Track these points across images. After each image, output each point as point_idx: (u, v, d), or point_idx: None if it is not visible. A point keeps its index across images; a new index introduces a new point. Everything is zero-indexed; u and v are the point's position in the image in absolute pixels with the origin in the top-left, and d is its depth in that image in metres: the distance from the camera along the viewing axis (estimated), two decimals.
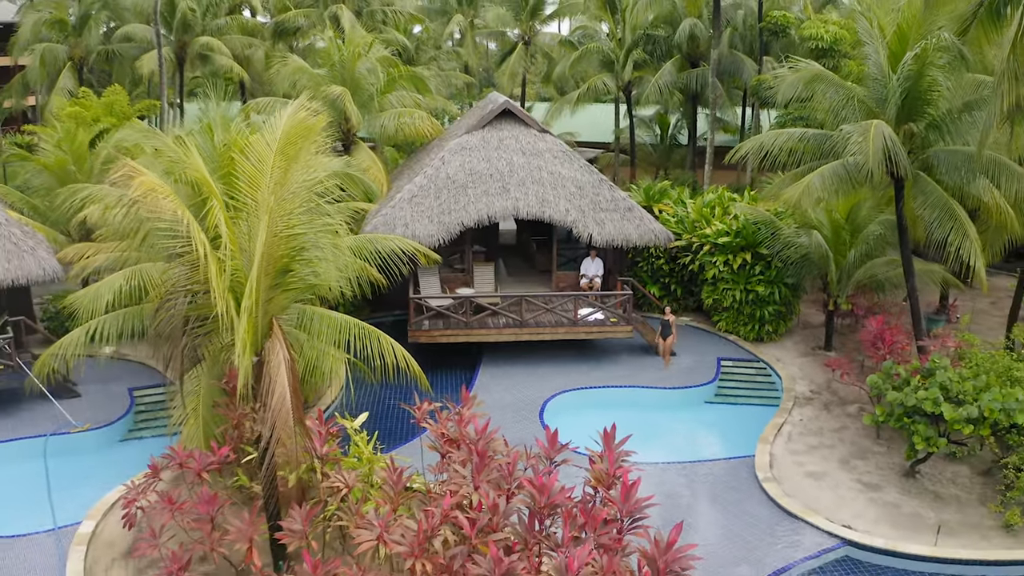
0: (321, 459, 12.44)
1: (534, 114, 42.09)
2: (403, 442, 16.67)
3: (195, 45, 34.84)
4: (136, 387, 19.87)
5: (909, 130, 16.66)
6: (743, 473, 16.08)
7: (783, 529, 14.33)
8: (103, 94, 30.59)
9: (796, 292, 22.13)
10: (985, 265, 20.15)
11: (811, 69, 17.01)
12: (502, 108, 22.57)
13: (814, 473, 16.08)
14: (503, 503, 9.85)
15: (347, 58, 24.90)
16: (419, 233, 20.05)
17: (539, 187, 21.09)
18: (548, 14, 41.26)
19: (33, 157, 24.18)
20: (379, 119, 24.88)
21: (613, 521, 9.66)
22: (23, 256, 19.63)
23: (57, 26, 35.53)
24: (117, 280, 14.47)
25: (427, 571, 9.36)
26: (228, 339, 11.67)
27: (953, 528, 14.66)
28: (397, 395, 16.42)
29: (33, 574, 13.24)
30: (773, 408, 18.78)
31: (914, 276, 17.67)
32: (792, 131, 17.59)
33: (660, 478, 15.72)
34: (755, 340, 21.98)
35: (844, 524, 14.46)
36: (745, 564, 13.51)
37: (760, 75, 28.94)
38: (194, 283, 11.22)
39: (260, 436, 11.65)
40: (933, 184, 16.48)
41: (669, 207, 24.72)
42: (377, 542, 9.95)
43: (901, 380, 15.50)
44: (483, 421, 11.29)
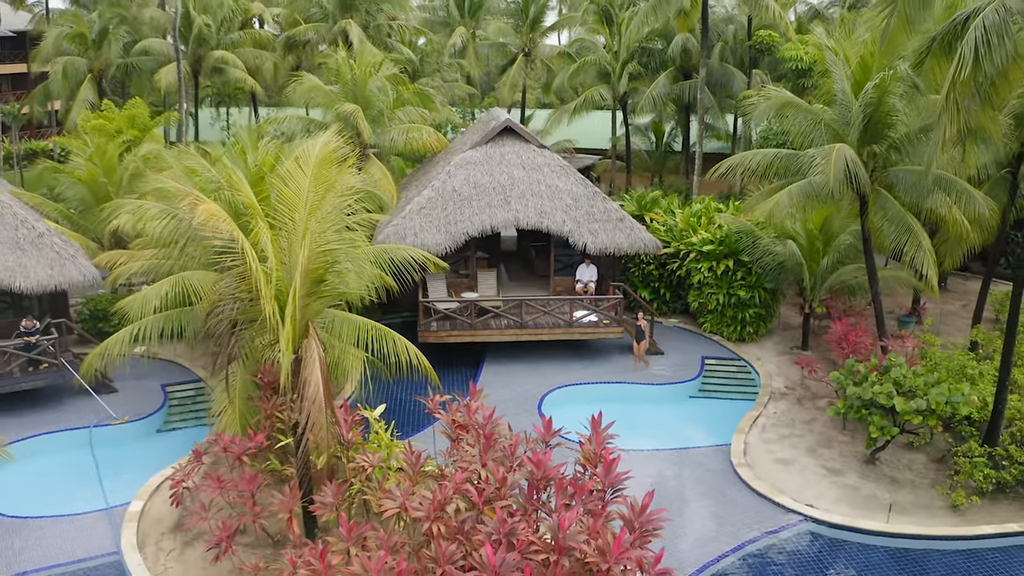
0: (347, 444, 14.47)
1: (534, 121, 44.21)
2: (415, 432, 18.65)
3: (210, 59, 36.86)
4: (168, 383, 21.90)
5: (871, 151, 18.64)
6: (720, 459, 18.08)
7: (753, 507, 16.33)
8: (125, 106, 32.59)
9: (775, 296, 24.12)
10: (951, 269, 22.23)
11: (781, 96, 19.02)
12: (504, 125, 24.57)
13: (783, 460, 18.08)
14: (508, 477, 11.84)
15: (359, 77, 26.86)
16: (427, 242, 22.04)
17: (538, 199, 23.09)
18: (548, 26, 43.20)
19: (67, 169, 26.16)
20: (389, 133, 26.85)
21: (598, 492, 11.67)
22: (64, 263, 21.63)
23: (77, 40, 37.52)
24: (164, 287, 16.43)
25: (442, 532, 11.34)
26: (268, 340, 13.69)
27: (905, 508, 16.64)
28: (408, 390, 18.45)
29: (93, 547, 15.22)
30: (751, 402, 20.80)
31: (877, 283, 19.66)
32: (767, 151, 19.57)
33: (647, 463, 17.69)
34: (737, 340, 23.98)
35: (807, 503, 16.45)
36: (719, 536, 15.52)
37: (747, 90, 30.85)
38: (242, 291, 13.22)
39: (296, 423, 13.64)
40: (892, 200, 18.47)
41: (659, 216, 26.69)
42: (400, 510, 11.95)
43: (861, 376, 17.49)
44: (489, 410, 13.29)
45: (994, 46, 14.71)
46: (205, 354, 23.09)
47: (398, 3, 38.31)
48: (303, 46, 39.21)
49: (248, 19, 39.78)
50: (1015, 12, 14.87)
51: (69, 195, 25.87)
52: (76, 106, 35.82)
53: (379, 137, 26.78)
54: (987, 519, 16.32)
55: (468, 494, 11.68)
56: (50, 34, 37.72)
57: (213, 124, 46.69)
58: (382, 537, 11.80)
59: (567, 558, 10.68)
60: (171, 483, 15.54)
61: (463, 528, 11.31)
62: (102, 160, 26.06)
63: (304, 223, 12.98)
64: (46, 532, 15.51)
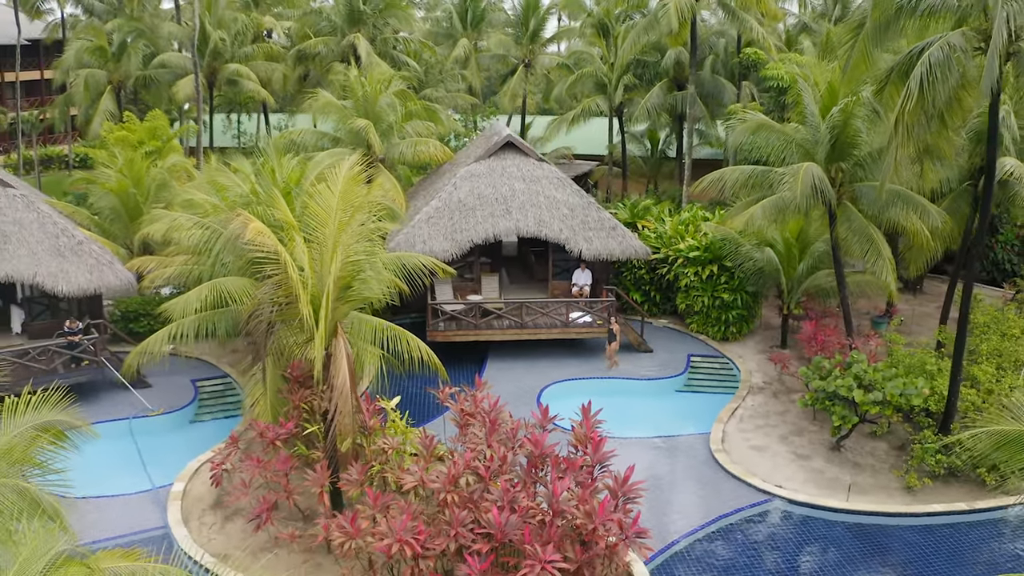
0: (368, 429, 16.65)
1: (534, 129, 46.34)
2: (425, 421, 20.78)
3: (225, 71, 39.01)
4: (198, 379, 24.08)
5: (838, 168, 20.82)
6: (700, 446, 20.27)
7: (728, 487, 18.51)
8: (145, 118, 34.78)
9: (757, 299, 26.29)
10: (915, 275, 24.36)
11: (756, 119, 21.19)
12: (505, 140, 26.75)
13: (757, 446, 20.26)
14: (510, 455, 14.02)
15: (370, 93, 29.01)
16: (435, 249, 24.21)
17: (537, 210, 25.26)
18: (548, 38, 45.34)
19: (98, 180, 28.31)
20: (398, 146, 28.99)
21: (587, 467, 13.85)
22: (103, 269, 23.76)
23: (98, 53, 39.66)
24: (203, 291, 18.59)
25: (455, 501, 13.50)
26: (303, 339, 15.85)
27: (865, 489, 18.82)
28: (419, 384, 20.57)
29: (144, 522, 17.39)
30: (731, 396, 22.97)
31: (845, 287, 21.84)
32: (744, 168, 21.73)
33: (635, 449, 19.78)
34: (721, 339, 26.15)
35: (777, 484, 18.62)
36: (697, 511, 17.73)
37: (736, 103, 33.04)
38: (279, 297, 15.40)
39: (326, 411, 15.81)
40: (857, 213, 20.64)
41: (651, 223, 28.87)
42: (418, 483, 14.13)
43: (826, 371, 19.65)
44: (493, 399, 15.46)
45: (939, 80, 16.89)
46: (231, 352, 25.32)
47: (403, 18, 40.44)
48: (313, 58, 41.34)
49: (260, 32, 41.91)
50: (958, 49, 17.08)
51: (101, 205, 28.02)
52: (97, 116, 37.94)
53: (389, 150, 28.93)
54: (938, 499, 18.48)
55: (476, 470, 13.84)
56: (71, 47, 39.88)
57: (225, 132, 48.91)
58: (403, 506, 13.98)
59: (560, 520, 12.87)
60: (211, 465, 17.74)
61: (472, 497, 13.47)
62: (131, 172, 28.20)
63: (334, 237, 15.14)
64: (104, 509, 17.67)
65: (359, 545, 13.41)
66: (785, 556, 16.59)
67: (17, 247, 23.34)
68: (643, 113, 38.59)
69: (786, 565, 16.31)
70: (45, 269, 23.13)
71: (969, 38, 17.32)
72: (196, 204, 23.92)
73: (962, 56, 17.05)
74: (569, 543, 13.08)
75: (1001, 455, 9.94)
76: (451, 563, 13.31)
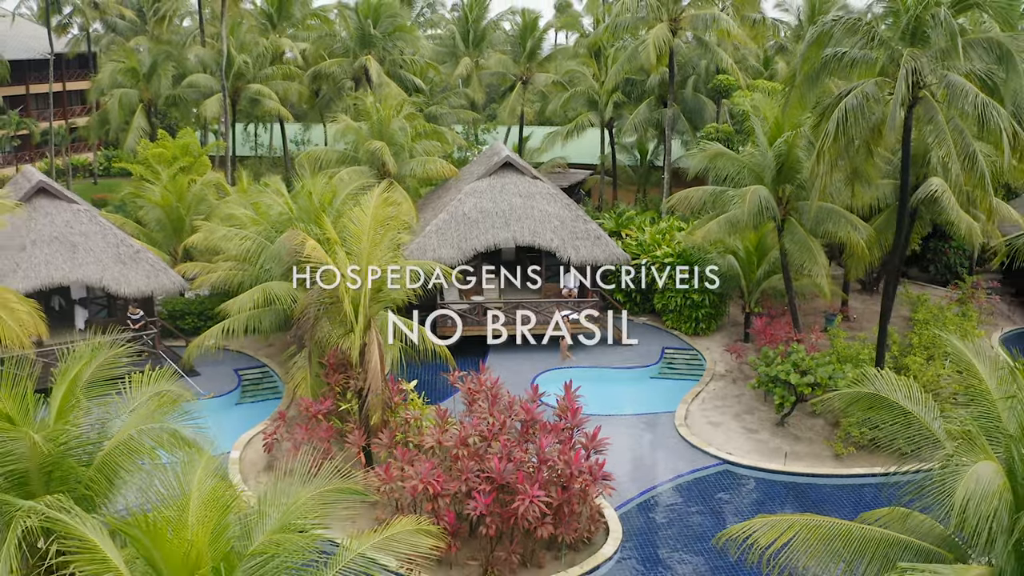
0: (394, 405, 21.10)
1: (532, 140, 50.73)
2: (436, 401, 25.17)
3: (248, 91, 43.45)
4: (240, 368, 28.52)
5: (784, 189, 25.26)
6: (667, 422, 24.70)
7: (687, 453, 22.97)
8: (177, 135, 39.25)
9: (723, 299, 30.71)
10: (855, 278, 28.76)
11: (714, 148, 25.63)
12: (504, 160, 31.21)
13: (714, 422, 24.70)
14: (507, 421, 18.46)
15: (383, 118, 33.44)
16: (444, 256, 28.62)
17: (532, 222, 29.71)
18: (544, 56, 49.72)
19: (147, 196, 32.73)
20: (409, 164, 33.42)
21: (567, 429, 18.31)
22: (158, 274, 28.18)
23: (129, 74, 44.08)
24: (255, 293, 23.03)
25: (465, 455, 17.91)
26: (343, 331, 20.26)
27: (801, 456, 23.24)
28: (431, 370, 24.97)
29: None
30: (697, 381, 27.39)
31: (792, 289, 26.28)
32: (705, 188, 26.14)
33: (614, 423, 24.04)
34: (692, 334, 30.58)
35: (727, 452, 23.06)
36: (660, 471, 22.22)
37: (710, 124, 37.51)
38: (325, 298, 19.84)
39: (361, 389, 20.24)
40: (798, 227, 25.05)
41: (633, 232, 33.31)
42: (436, 443, 18.57)
43: (770, 359, 24.08)
44: (494, 378, 19.90)
45: (854, 122, 21.31)
46: (268, 345, 29.77)
47: (411, 40, 44.86)
48: (327, 77, 45.77)
49: (278, 54, 46.33)
50: (871, 97, 21.49)
51: (149, 217, 32.46)
52: (131, 132, 42.39)
53: (401, 167, 33.35)
54: (861, 464, 22.90)
55: (481, 432, 18.28)
56: (105, 69, 44.30)
57: (244, 143, 53.40)
58: (424, 460, 18.43)
59: (545, 468, 17.33)
60: (264, 436, 22.22)
61: (478, 452, 17.91)
62: (174, 188, 32.67)
63: (368, 251, 19.58)
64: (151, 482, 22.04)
65: (392, 488, 17.87)
66: (729, 504, 21.04)
67: (85, 256, 27.78)
68: (631, 128, 43.03)
69: (728, 509, 20.78)
70: (109, 274, 27.56)
71: (882, 86, 21.73)
72: (236, 218, 28.47)
73: (874, 103, 21.48)
74: (552, 487, 17.53)
75: (850, 411, 14.31)
76: (462, 501, 17.73)
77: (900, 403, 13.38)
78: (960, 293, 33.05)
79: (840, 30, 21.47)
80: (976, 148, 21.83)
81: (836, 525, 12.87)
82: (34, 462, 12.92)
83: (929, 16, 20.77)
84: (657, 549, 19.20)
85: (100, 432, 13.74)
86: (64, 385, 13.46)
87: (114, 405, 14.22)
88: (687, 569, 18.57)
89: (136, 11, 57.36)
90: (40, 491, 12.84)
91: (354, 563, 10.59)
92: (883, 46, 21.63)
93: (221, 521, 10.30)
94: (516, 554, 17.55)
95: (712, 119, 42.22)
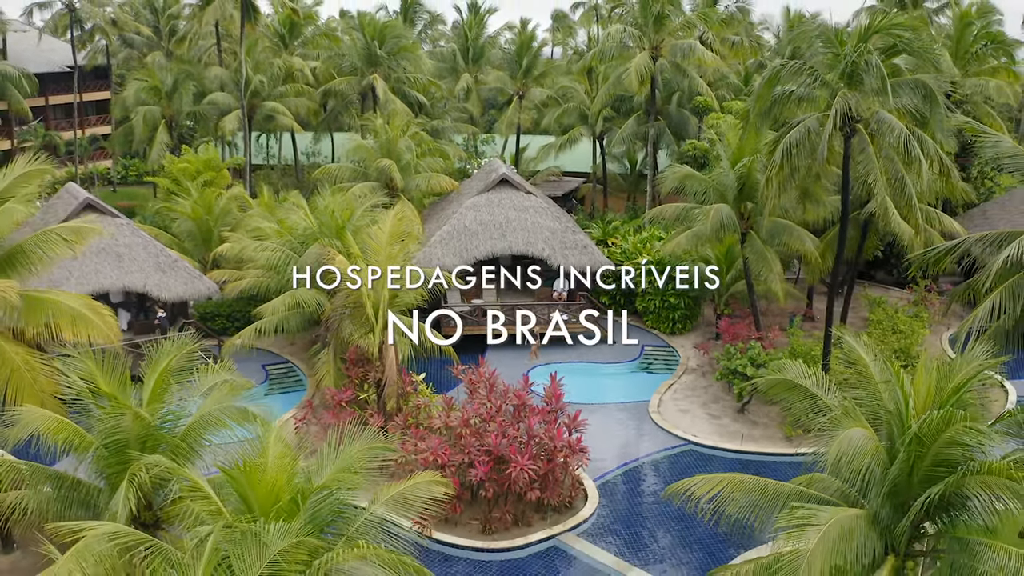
0: (406, 394, 25.27)
1: (529, 149, 54.89)
2: (441, 391, 29.33)
3: (264, 108, 47.62)
4: (266, 363, 32.68)
5: (746, 206, 29.41)
6: (641, 409, 28.87)
7: (657, 436, 27.13)
8: (198, 149, 43.41)
9: (697, 301, 34.86)
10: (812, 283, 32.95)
11: (683, 170, 29.80)
12: (501, 178, 35.37)
13: (683, 409, 28.87)
14: (502, 405, 22.63)
15: (392, 137, 37.59)
16: (447, 264, 32.75)
17: (526, 233, 33.86)
18: (538, 74, 53.90)
19: (178, 209, 36.87)
20: (415, 180, 37.58)
21: (552, 411, 22.49)
22: (194, 280, 32.36)
23: (152, 92, 48.24)
24: (286, 298, 27.17)
25: (467, 433, 22.05)
26: (363, 331, 24.40)
27: (756, 438, 27.39)
28: (435, 365, 29.08)
29: None
30: (671, 375, 31.56)
31: (754, 293, 30.41)
32: (677, 205, 30.25)
33: (596, 410, 28.25)
34: (670, 333, 34.75)
35: (692, 434, 27.21)
36: (634, 449, 26.40)
37: (689, 142, 41.74)
38: (349, 303, 23.99)
39: (379, 380, 24.39)
40: (757, 239, 29.18)
41: (618, 240, 37.47)
42: (443, 424, 22.74)
43: (731, 354, 28.22)
44: (491, 370, 24.05)
45: (798, 154, 25.43)
46: (290, 344, 33.92)
47: (414, 60, 49.00)
48: (336, 94, 49.95)
49: (290, 72, 50.53)
50: (813, 131, 25.62)
51: (180, 229, 36.63)
52: (156, 147, 46.56)
53: (407, 182, 37.51)
54: (808, 445, 27.01)
55: (481, 414, 22.43)
56: (130, 88, 48.51)
57: (258, 154, 57.55)
58: (433, 438, 22.59)
59: (533, 443, 21.50)
60: (294, 421, 26.39)
61: (478, 431, 22.06)
62: (203, 202, 36.82)
63: (385, 263, 23.73)
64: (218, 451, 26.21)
65: (407, 460, 22.03)
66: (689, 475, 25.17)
67: (130, 264, 31.95)
68: (620, 140, 47.18)
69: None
70: (152, 281, 31.74)
71: (822, 121, 25.85)
72: (262, 231, 32.63)
73: (815, 136, 25.60)
74: (539, 458, 21.68)
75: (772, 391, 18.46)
76: (465, 471, 21.86)
77: (806, 386, 17.59)
78: (915, 295, 37.20)
79: (787, 73, 25.61)
80: (904, 174, 26.08)
81: (756, 481, 17.03)
82: (134, 433, 17.10)
83: (863, 61, 24.89)
84: (626, 512, 23.38)
85: (182, 409, 17.93)
86: (155, 373, 17.62)
87: (188, 390, 18.44)
88: (649, 526, 22.74)
89: (152, 27, 61.53)
90: (137, 457, 17.00)
91: (391, 499, 14.74)
92: (825, 86, 25.78)
93: (292, 469, 14.46)
94: (509, 514, 21.73)
95: (695, 133, 46.31)
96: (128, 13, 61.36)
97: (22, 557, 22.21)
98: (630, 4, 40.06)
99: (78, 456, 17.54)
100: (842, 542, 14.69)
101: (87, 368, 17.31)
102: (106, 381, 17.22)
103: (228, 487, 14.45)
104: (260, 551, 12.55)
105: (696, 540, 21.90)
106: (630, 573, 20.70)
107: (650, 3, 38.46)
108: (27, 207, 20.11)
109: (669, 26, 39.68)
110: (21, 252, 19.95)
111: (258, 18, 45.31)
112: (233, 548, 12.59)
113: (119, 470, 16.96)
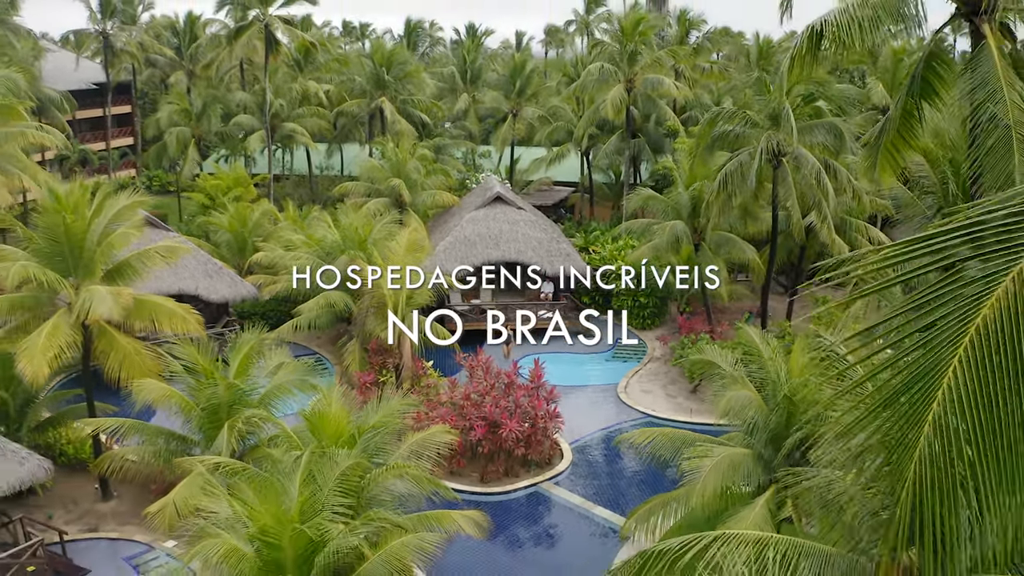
0: (418, 376, 32.45)
1: (523, 162, 62.07)
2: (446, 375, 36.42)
3: (284, 129, 54.82)
4: (297, 355, 39.75)
5: (698, 222, 36.55)
6: (612, 390, 36.04)
7: (623, 412, 34.29)
8: (229, 165, 50.55)
9: (664, 300, 42.02)
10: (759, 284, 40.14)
11: (645, 193, 36.94)
12: (495, 195, 42.53)
13: (646, 390, 36.03)
14: (495, 382, 29.78)
15: (401, 159, 44.73)
16: (450, 270, 39.84)
17: (517, 243, 41.00)
18: (530, 94, 61.05)
19: (217, 222, 43.98)
20: (421, 196, 44.72)
21: (534, 388, 29.68)
22: (236, 284, 39.47)
23: (183, 114, 55.39)
24: (321, 300, 34.30)
25: (468, 405, 29.17)
26: (384, 325, 31.52)
27: (702, 412, 34.40)
28: (440, 354, 36.19)
29: None
30: (639, 362, 38.75)
31: (707, 293, 37.58)
32: (642, 220, 37.43)
33: (574, 391, 35.42)
34: (641, 328, 41.91)
35: (652, 409, 34.37)
36: (602, 421, 33.54)
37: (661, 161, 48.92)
38: (374, 303, 31.12)
39: (397, 365, 31.53)
40: (707, 250, 36.34)
41: (598, 248, 44.64)
42: (449, 399, 29.90)
43: (684, 345, 35.35)
44: (486, 357, 31.22)
45: (734, 182, 32.61)
46: (317, 338, 41.07)
47: (418, 84, 56.17)
48: (347, 115, 57.12)
49: (307, 95, 57.73)
50: (744, 164, 32.81)
51: (219, 239, 43.78)
52: (187, 164, 53.72)
53: (415, 199, 44.65)
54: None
55: (479, 390, 29.56)
56: (163, 111, 55.67)
57: (275, 166, 64.64)
58: (441, 408, 29.73)
59: (520, 410, 28.69)
60: None
61: (476, 403, 29.21)
62: (238, 216, 43.95)
63: (403, 270, 30.85)
64: None
65: (421, 426, 29.16)
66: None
67: (182, 271, 39.05)
68: (604, 156, 54.38)
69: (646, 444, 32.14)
70: (202, 285, 38.85)
71: (754, 155, 33.04)
72: (292, 242, 39.79)
73: (747, 167, 32.75)
74: (523, 423, 28.82)
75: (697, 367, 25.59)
76: (467, 434, 28.91)
77: (718, 363, 24.75)
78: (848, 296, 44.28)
79: (723, 117, 32.78)
80: (821, 197, 33.27)
81: (680, 433, 24.19)
82: (224, 399, 24.25)
83: (782, 110, 32.06)
84: (593, 467, 30.55)
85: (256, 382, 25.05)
86: (239, 355, 24.76)
87: (261, 368, 25.62)
88: (610, 477, 29.89)
89: (173, 48, 68.69)
90: (224, 418, 24.10)
91: (415, 442, 21.86)
92: (755, 127, 32.96)
93: (347, 416, 21.62)
94: (501, 467, 28.87)
95: (670, 150, 53.43)
96: (151, 35, 68.53)
97: (119, 504, 29.24)
98: (607, 43, 47.35)
99: (185, 417, 24.64)
100: (731, 470, 21.68)
101: (188, 352, 24.46)
102: (203, 361, 24.38)
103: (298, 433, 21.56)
104: (332, 468, 19.70)
105: (645, 487, 29.08)
106: (594, 510, 27.84)
107: (624, 43, 45.64)
108: (138, 231, 27.14)
109: (642, 62, 46.84)
110: (128, 265, 26.99)
111: (279, 49, 52.41)
112: (315, 465, 19.73)
113: (213, 427, 24.07)
